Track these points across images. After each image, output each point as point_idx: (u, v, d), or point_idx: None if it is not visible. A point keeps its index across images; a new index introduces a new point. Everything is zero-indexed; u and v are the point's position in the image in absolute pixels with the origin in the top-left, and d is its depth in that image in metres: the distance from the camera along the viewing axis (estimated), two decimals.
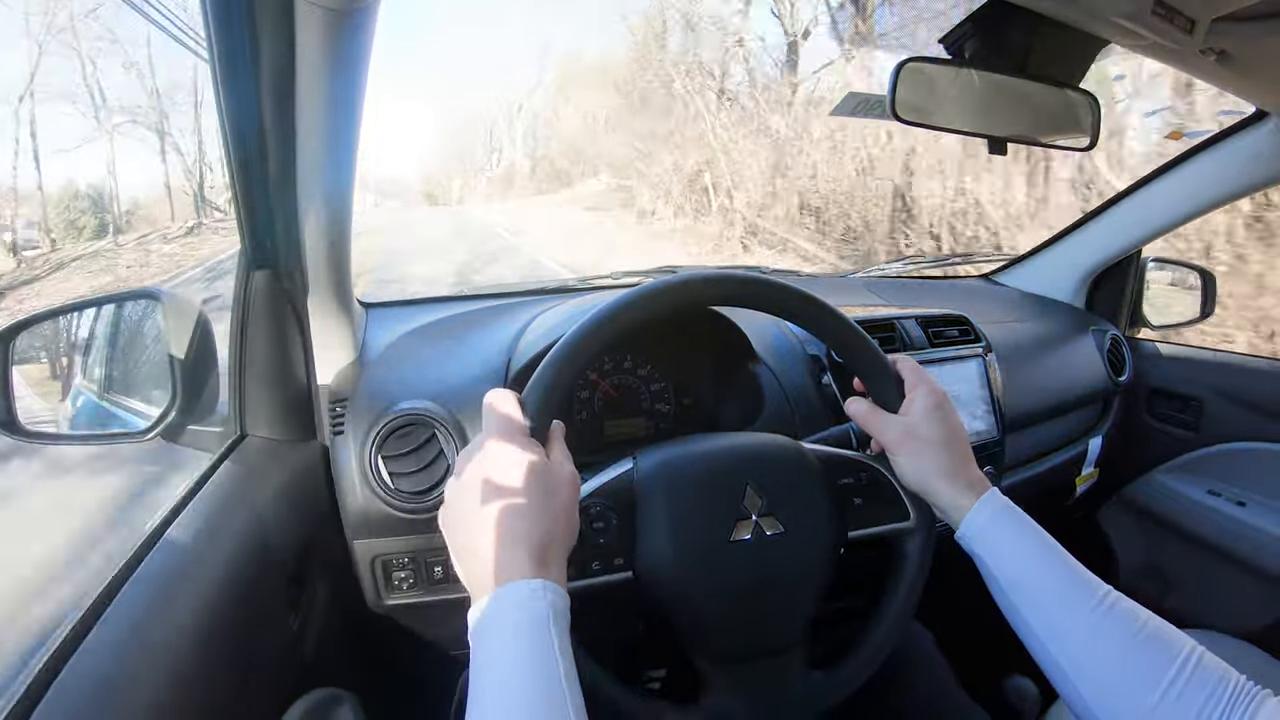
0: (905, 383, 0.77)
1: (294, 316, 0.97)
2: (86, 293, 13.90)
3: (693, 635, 0.71)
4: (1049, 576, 0.68)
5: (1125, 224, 1.59)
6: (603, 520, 0.70)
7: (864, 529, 0.76)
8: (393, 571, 1.02)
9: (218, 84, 0.73)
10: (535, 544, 0.58)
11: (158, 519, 0.76)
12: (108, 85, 26.63)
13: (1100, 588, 0.66)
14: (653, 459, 0.75)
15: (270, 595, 0.82)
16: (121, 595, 0.65)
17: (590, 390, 1.12)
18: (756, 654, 0.72)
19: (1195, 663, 0.60)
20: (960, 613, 1.29)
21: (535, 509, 0.59)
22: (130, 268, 18.04)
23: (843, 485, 0.77)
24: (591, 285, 1.50)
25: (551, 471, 0.63)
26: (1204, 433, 1.62)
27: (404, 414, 0.98)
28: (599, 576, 0.68)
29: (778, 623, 0.73)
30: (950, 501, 0.72)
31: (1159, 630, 0.63)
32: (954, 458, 0.73)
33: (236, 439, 0.95)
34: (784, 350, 1.15)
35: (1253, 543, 1.47)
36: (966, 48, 0.90)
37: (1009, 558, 0.69)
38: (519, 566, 0.56)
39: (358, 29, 0.69)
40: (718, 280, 0.75)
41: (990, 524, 0.70)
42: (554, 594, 0.56)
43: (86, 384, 1.10)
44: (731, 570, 0.70)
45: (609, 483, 0.72)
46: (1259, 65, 0.98)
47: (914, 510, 0.77)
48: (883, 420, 0.76)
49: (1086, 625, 0.64)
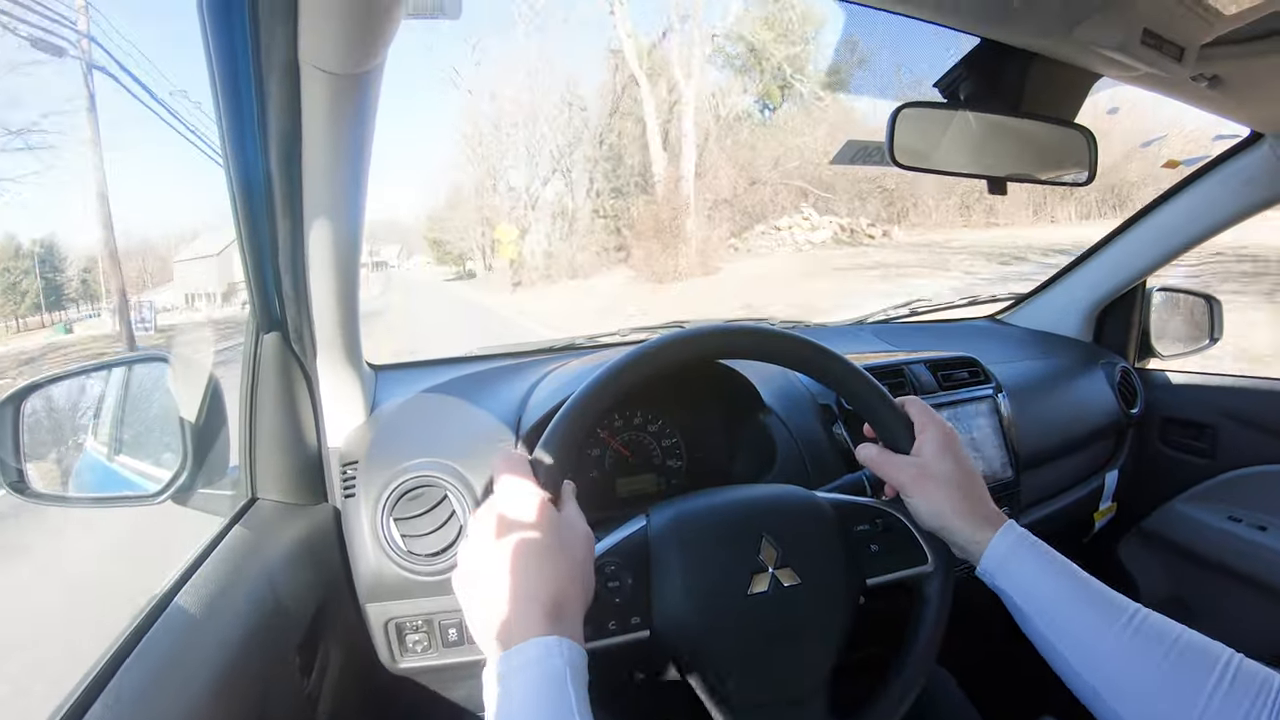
0: (915, 424, 0.77)
1: (304, 378, 0.97)
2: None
3: (712, 690, 0.69)
4: (1075, 601, 0.67)
5: (1127, 256, 1.59)
6: (618, 579, 0.69)
7: (882, 576, 0.75)
8: (406, 634, 1.01)
9: (225, 148, 0.74)
10: (550, 602, 0.57)
11: (167, 584, 0.76)
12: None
13: (1129, 606, 0.65)
14: (666, 515, 0.74)
15: (283, 659, 0.81)
16: (128, 662, 0.64)
17: (601, 448, 1.11)
18: (778, 705, 0.70)
19: (1236, 668, 0.59)
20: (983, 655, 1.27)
21: (549, 567, 0.59)
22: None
23: (858, 533, 0.76)
24: (599, 343, 1.51)
25: (565, 530, 0.62)
26: (1220, 459, 1.60)
27: (415, 476, 0.97)
28: (616, 636, 0.67)
29: (798, 674, 0.71)
30: (968, 538, 0.72)
31: (1194, 641, 0.62)
32: (969, 495, 0.73)
33: (248, 503, 0.95)
34: (794, 400, 1.15)
35: (1276, 567, 1.44)
36: (961, 90, 0.91)
37: (1032, 587, 0.69)
38: (534, 624, 0.56)
39: (362, 92, 0.70)
40: (723, 333, 0.75)
41: (1010, 555, 0.70)
42: (570, 651, 0.55)
43: (97, 446, 1.11)
44: (749, 624, 0.69)
45: (622, 541, 0.72)
46: (1250, 88, 0.99)
47: (931, 553, 0.76)
48: (895, 463, 0.76)
49: (1119, 645, 0.63)
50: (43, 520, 4.50)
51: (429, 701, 1.08)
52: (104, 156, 17.93)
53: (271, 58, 0.66)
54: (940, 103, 0.91)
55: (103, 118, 17.64)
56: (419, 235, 53.66)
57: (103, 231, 18.04)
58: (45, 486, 0.97)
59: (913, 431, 0.77)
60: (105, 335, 23.29)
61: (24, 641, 3.05)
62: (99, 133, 18.08)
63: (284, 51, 0.65)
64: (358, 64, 0.66)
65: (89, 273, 42.29)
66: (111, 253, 18.36)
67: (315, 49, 0.64)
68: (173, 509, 0.95)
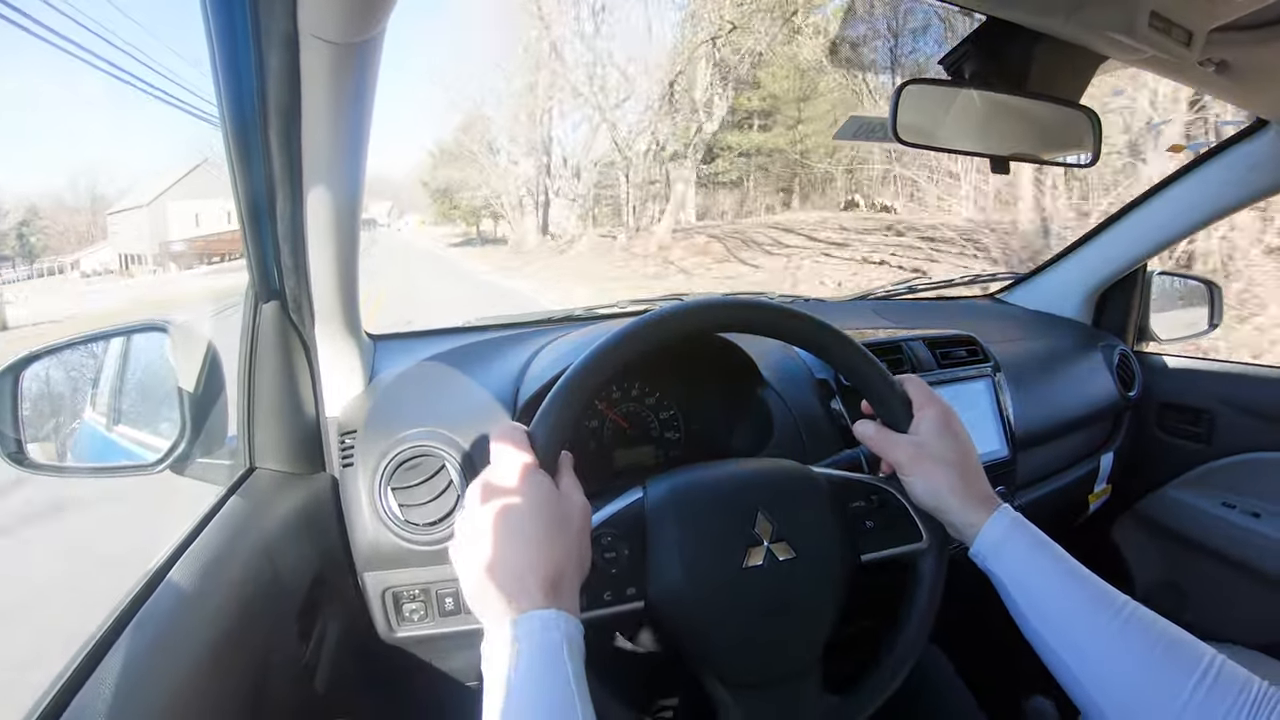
0: (913, 402, 0.77)
1: (302, 348, 0.97)
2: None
3: (706, 663, 0.70)
4: (1065, 590, 0.67)
5: (1129, 239, 1.59)
6: (614, 550, 0.69)
7: (877, 552, 0.76)
8: (404, 603, 1.01)
9: (225, 118, 0.74)
10: (547, 574, 0.58)
11: (165, 553, 0.76)
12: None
13: (1118, 598, 0.66)
14: (662, 487, 0.74)
15: (281, 628, 0.82)
16: (128, 631, 0.64)
17: (599, 420, 1.12)
18: (772, 680, 0.71)
19: (1217, 671, 0.59)
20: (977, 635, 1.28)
21: (546, 540, 0.60)
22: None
23: (854, 509, 0.77)
24: (598, 314, 1.51)
25: (562, 502, 0.63)
26: (1216, 445, 1.61)
27: (413, 445, 0.98)
28: (612, 606, 0.68)
29: (792, 648, 0.72)
30: (963, 519, 0.72)
31: (1179, 639, 0.63)
32: (965, 475, 0.73)
33: (245, 472, 0.95)
34: (792, 375, 1.15)
35: (1269, 553, 1.45)
36: (966, 68, 0.90)
37: (1024, 573, 0.69)
38: (531, 597, 0.57)
39: (362, 61, 0.69)
40: (721, 307, 0.76)
41: (1004, 540, 0.70)
42: (567, 624, 0.56)
43: (95, 416, 1.11)
44: (744, 597, 0.70)
45: (619, 512, 0.72)
46: (1258, 74, 0.98)
47: (926, 531, 0.77)
48: (892, 441, 0.76)
49: (1105, 637, 0.64)
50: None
51: (426, 670, 1.09)
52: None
53: (271, 27, 0.65)
54: (945, 80, 0.90)
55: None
56: (415, 187, 47.22)
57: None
58: (43, 457, 0.97)
59: (911, 410, 0.77)
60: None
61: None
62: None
63: (283, 21, 0.64)
64: (358, 32, 0.65)
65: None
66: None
67: (315, 18, 0.63)
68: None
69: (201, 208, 46.46)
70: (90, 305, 24.52)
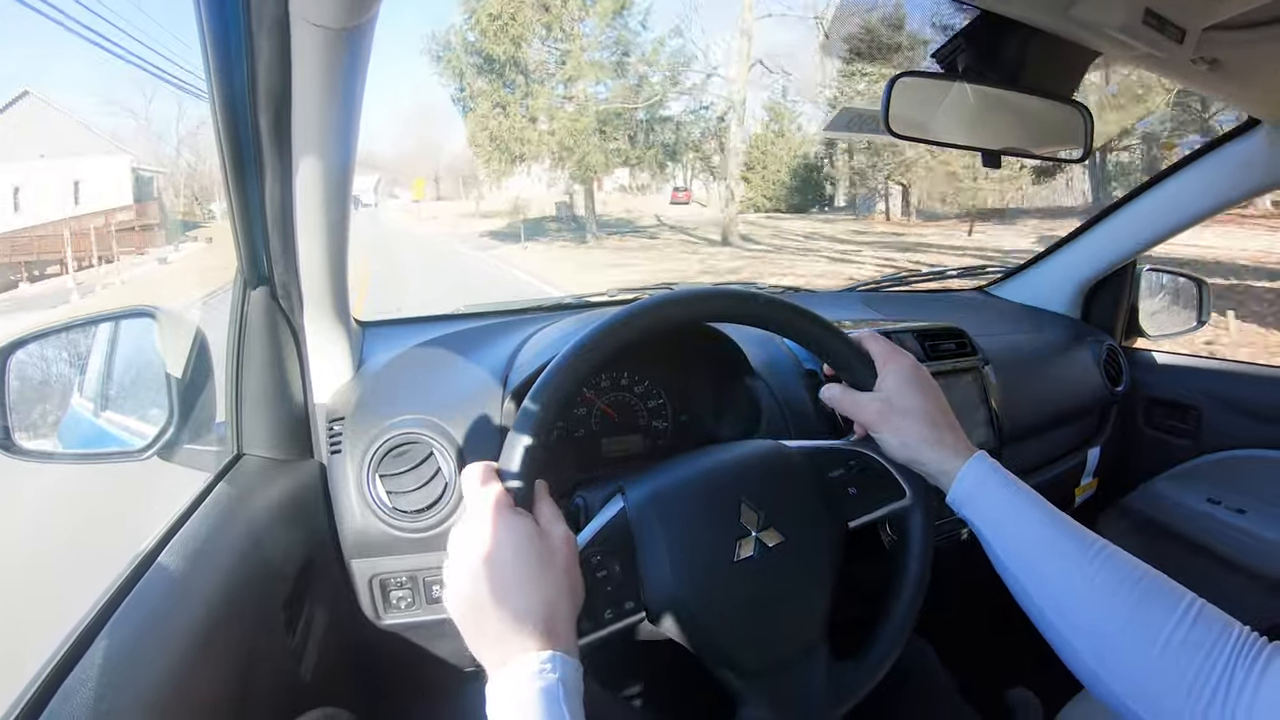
0: (876, 360, 0.77)
1: (291, 334, 0.97)
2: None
3: (716, 657, 0.70)
4: (1041, 531, 0.68)
5: (1119, 235, 1.60)
6: (605, 568, 0.68)
7: (864, 516, 0.76)
8: (391, 590, 1.01)
9: (215, 103, 0.74)
10: (541, 615, 0.58)
11: (152, 540, 0.76)
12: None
13: (1095, 541, 0.66)
14: (643, 492, 0.74)
15: (268, 615, 0.82)
16: (115, 618, 0.64)
17: (587, 408, 1.11)
18: (783, 661, 0.71)
19: (1197, 612, 0.60)
20: (961, 625, 1.29)
21: (534, 581, 0.59)
22: None
23: (834, 478, 0.77)
24: (588, 302, 1.50)
25: (544, 538, 0.62)
26: (1202, 441, 1.62)
27: (401, 433, 0.98)
28: (614, 623, 0.67)
29: (797, 628, 0.72)
30: (938, 468, 0.73)
31: (1158, 581, 0.63)
32: (936, 425, 0.74)
33: (233, 458, 0.95)
34: (780, 365, 1.15)
35: (1253, 550, 1.47)
36: (959, 61, 0.90)
37: (999, 516, 0.70)
38: (526, 641, 0.56)
39: (353, 46, 0.69)
40: (670, 304, 0.73)
41: (979, 485, 0.71)
42: (564, 665, 0.56)
43: (83, 402, 1.10)
44: (742, 590, 0.70)
45: (603, 529, 0.71)
46: (1250, 73, 0.98)
47: (909, 486, 0.77)
48: (860, 401, 0.77)
49: (1083, 578, 0.64)
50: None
51: (413, 657, 1.09)
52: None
53: (262, 11, 0.65)
54: (937, 73, 0.91)
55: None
56: (409, 159, 36.21)
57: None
58: (31, 443, 0.97)
59: (874, 368, 0.77)
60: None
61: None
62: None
63: (275, 5, 0.64)
64: (350, 17, 0.65)
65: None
66: None
67: (307, 2, 0.63)
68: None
69: (23, 175, 27.65)
70: None
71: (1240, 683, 0.55)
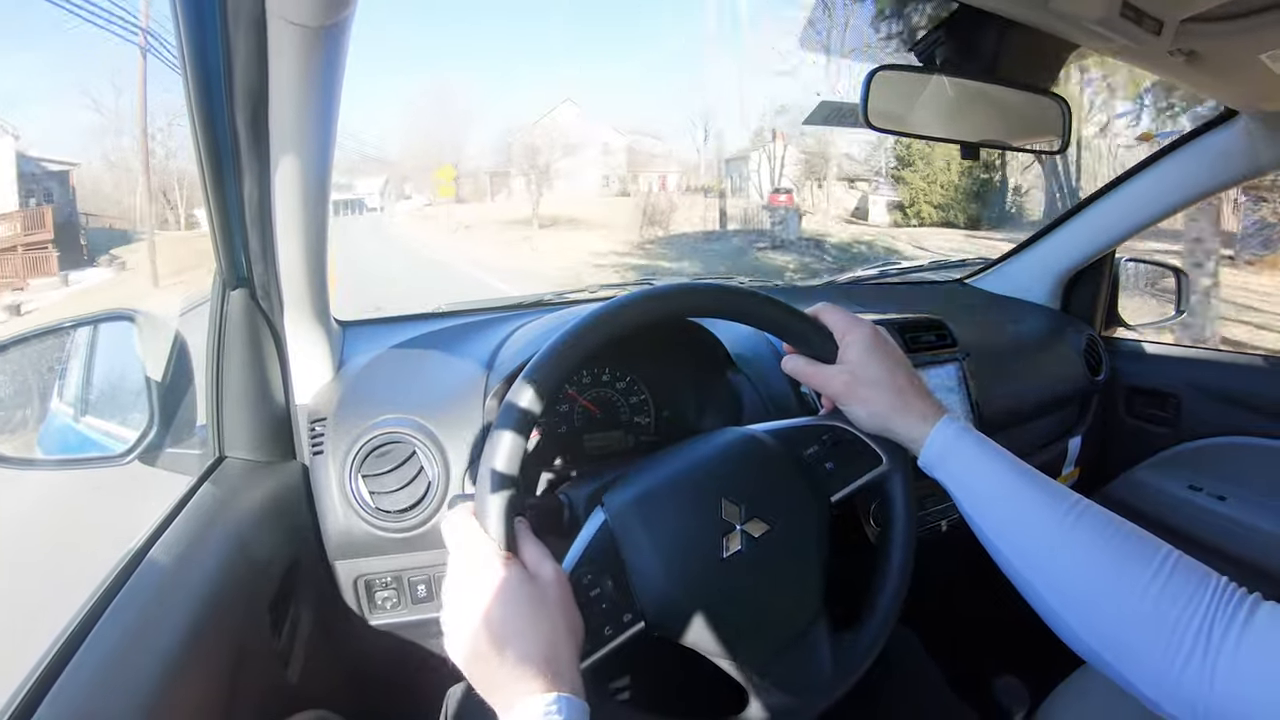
0: (835, 331, 0.77)
1: (271, 336, 0.96)
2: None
3: (720, 652, 0.70)
4: (1014, 489, 0.68)
5: (1098, 225, 1.61)
6: (597, 586, 0.68)
7: (844, 489, 0.76)
8: (376, 591, 1.01)
9: (191, 102, 0.73)
10: (542, 658, 0.57)
11: (135, 544, 0.75)
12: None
13: (1069, 496, 0.66)
14: (623, 499, 0.73)
15: (253, 617, 0.82)
16: (102, 621, 0.64)
17: (569, 404, 1.11)
18: (786, 644, 0.72)
19: (1173, 565, 0.60)
20: (947, 615, 1.30)
21: (531, 624, 0.59)
22: None
23: (809, 456, 0.77)
24: (568, 299, 1.50)
25: (534, 580, 0.62)
26: (1182, 429, 1.63)
27: (383, 432, 0.97)
28: (615, 639, 0.67)
29: (794, 611, 0.72)
30: (908, 434, 0.73)
31: (1133, 534, 0.63)
32: (902, 391, 0.74)
33: (215, 461, 0.94)
34: (762, 360, 1.15)
35: (1233, 536, 1.48)
36: (937, 54, 0.91)
37: (971, 476, 0.70)
38: (530, 685, 0.56)
39: (331, 45, 0.68)
40: (627, 307, 0.72)
41: (950, 448, 0.71)
42: (569, 707, 0.55)
43: (63, 407, 1.09)
44: (734, 585, 0.70)
45: (588, 548, 0.70)
46: (1227, 65, 0.99)
47: (884, 452, 0.77)
48: (824, 374, 0.76)
49: (1059, 533, 0.64)
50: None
51: (399, 657, 1.09)
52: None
53: (239, 9, 0.64)
54: (916, 66, 0.91)
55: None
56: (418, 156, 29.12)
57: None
58: (10, 449, 0.96)
59: (833, 340, 0.77)
60: None
61: None
62: None
63: (252, 3, 0.63)
64: (327, 15, 0.64)
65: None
66: None
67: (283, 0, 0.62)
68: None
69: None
70: None
71: (1220, 635, 0.55)
